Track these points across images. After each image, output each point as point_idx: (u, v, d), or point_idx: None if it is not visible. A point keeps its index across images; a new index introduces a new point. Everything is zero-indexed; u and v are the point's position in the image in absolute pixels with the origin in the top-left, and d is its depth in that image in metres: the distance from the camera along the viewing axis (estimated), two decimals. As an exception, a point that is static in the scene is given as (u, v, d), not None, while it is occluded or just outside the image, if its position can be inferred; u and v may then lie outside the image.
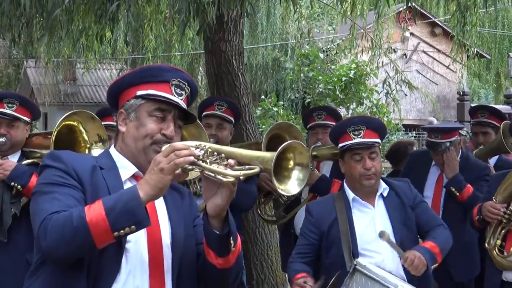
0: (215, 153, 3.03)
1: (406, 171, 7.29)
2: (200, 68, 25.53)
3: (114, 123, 3.92)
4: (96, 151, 5.43)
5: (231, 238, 3.18)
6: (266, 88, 27.54)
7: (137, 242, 3.12)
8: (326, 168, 6.89)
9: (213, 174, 2.99)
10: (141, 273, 3.14)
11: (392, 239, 4.98)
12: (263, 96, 21.60)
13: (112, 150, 3.33)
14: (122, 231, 2.89)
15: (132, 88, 3.28)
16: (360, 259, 4.65)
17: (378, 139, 5.20)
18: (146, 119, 3.22)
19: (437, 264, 5.14)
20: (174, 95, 3.27)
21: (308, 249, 5.19)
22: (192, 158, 2.93)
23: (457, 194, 6.54)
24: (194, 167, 2.98)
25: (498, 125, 7.31)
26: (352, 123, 5.23)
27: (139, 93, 3.25)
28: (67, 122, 5.50)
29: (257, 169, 3.02)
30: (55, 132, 5.40)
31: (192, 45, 15.74)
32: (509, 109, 24.94)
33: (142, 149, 3.22)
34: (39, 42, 10.06)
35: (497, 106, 28.16)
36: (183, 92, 3.30)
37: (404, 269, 4.89)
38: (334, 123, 6.87)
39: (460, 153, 6.83)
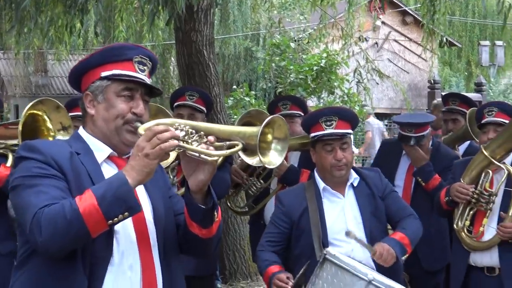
0: (194, 130, 3.07)
1: (377, 159, 7.31)
2: (172, 58, 25.46)
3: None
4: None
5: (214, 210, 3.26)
6: (238, 78, 27.50)
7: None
8: (293, 158, 6.90)
9: (197, 154, 3.04)
10: (132, 252, 3.17)
11: (361, 232, 5.02)
12: (235, 86, 21.58)
13: (83, 133, 3.33)
14: (116, 218, 2.93)
15: (96, 69, 3.28)
16: (330, 249, 4.66)
17: (350, 129, 5.20)
18: (115, 99, 3.23)
19: (407, 255, 5.17)
20: (138, 72, 3.29)
21: (278, 238, 5.19)
22: (176, 141, 2.97)
23: (423, 184, 6.58)
24: (177, 148, 3.02)
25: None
26: (324, 113, 5.23)
27: (104, 74, 3.26)
28: (32, 111, 5.48)
29: (239, 146, 3.11)
30: (22, 122, 5.37)
31: (163, 35, 15.69)
32: (479, 97, 25.10)
33: (115, 130, 3.24)
34: (8, 34, 10.00)
35: (467, 94, 28.34)
36: (145, 68, 3.32)
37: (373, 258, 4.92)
38: (299, 112, 6.89)
39: (431, 142, 6.86)
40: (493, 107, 6.02)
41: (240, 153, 5.97)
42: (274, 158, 3.25)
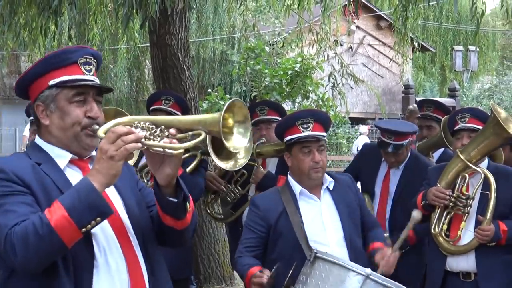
0: (154, 126, 3.07)
1: (356, 161, 7.27)
2: (147, 61, 25.40)
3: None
4: None
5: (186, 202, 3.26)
6: (214, 81, 27.52)
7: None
8: (271, 165, 6.89)
9: (161, 150, 3.03)
10: (115, 249, 3.16)
11: (340, 234, 5.02)
12: (210, 90, 21.58)
13: (40, 142, 3.28)
14: (88, 225, 2.90)
15: (43, 78, 3.22)
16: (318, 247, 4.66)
17: (324, 132, 5.21)
18: (68, 107, 3.19)
19: None
20: (86, 74, 3.24)
21: (256, 242, 5.14)
22: (139, 143, 2.96)
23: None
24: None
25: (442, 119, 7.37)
26: (301, 116, 5.22)
27: (52, 82, 3.19)
28: None
29: (203, 135, 3.11)
30: None
31: (139, 38, 15.65)
32: (453, 102, 25.35)
33: (73, 137, 3.20)
34: (-18, 36, 9.94)
35: (441, 99, 28.53)
36: (91, 67, 3.28)
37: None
38: (277, 118, 6.85)
39: (409, 152, 6.86)
40: (465, 113, 6.04)
41: (214, 157, 5.99)
42: (238, 142, 3.24)
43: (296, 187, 5.20)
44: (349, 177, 5.47)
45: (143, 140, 2.99)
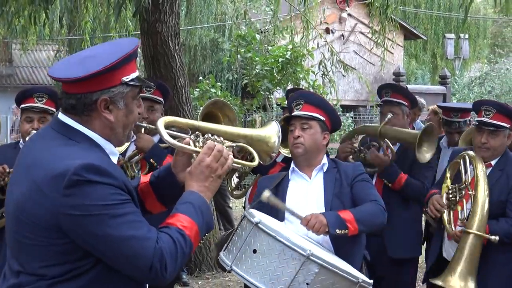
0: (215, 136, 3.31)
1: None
2: (138, 49, 25.35)
3: (35, 104, 4.17)
4: None
5: None
6: (205, 69, 27.48)
7: None
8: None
9: (240, 166, 3.38)
10: None
11: (322, 208, 5.09)
12: (201, 78, 21.58)
13: (94, 136, 3.06)
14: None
15: (114, 72, 3.03)
16: (252, 210, 4.61)
17: (318, 114, 5.32)
18: (132, 104, 3.14)
19: (348, 232, 4.87)
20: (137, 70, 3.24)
21: None
22: (232, 156, 3.20)
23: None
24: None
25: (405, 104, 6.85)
26: (294, 98, 5.48)
27: (125, 79, 3.06)
28: None
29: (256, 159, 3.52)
30: None
31: (132, 26, 15.64)
32: (444, 89, 25.38)
33: (127, 134, 3.18)
34: (-27, 24, 9.95)
35: (432, 87, 28.52)
36: None
37: (331, 239, 4.97)
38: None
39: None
40: (491, 107, 5.81)
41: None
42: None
43: (292, 166, 5.41)
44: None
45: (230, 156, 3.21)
